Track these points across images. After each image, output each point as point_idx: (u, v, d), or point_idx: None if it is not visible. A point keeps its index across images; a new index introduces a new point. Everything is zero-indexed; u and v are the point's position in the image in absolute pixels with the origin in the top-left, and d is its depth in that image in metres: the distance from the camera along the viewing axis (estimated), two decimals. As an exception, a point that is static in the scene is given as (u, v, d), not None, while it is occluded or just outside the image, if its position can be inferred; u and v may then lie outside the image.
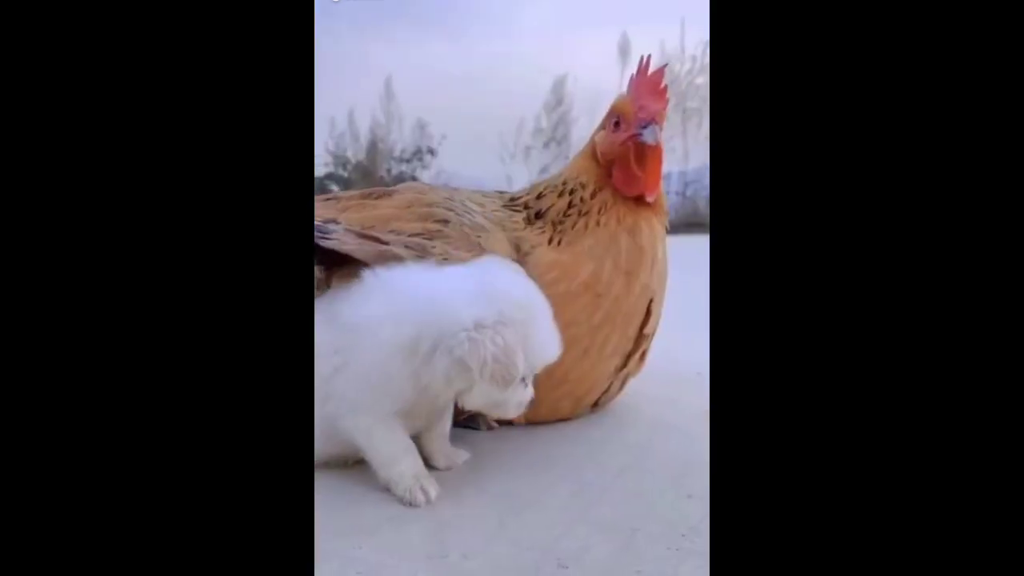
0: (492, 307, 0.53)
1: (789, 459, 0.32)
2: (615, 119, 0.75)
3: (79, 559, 0.32)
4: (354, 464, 0.63)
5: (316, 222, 0.67)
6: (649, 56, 0.74)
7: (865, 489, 0.31)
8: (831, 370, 0.32)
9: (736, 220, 0.35)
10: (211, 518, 0.33)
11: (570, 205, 0.75)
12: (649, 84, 0.73)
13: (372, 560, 0.48)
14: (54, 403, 0.32)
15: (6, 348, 0.32)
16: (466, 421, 0.75)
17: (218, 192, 0.35)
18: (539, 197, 0.77)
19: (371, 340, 0.56)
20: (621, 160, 0.74)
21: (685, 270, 0.96)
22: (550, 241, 0.73)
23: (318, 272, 0.64)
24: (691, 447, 0.69)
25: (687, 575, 0.45)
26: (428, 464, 0.63)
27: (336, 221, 0.71)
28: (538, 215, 0.75)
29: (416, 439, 0.63)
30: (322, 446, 0.63)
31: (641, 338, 0.76)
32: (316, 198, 0.78)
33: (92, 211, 0.33)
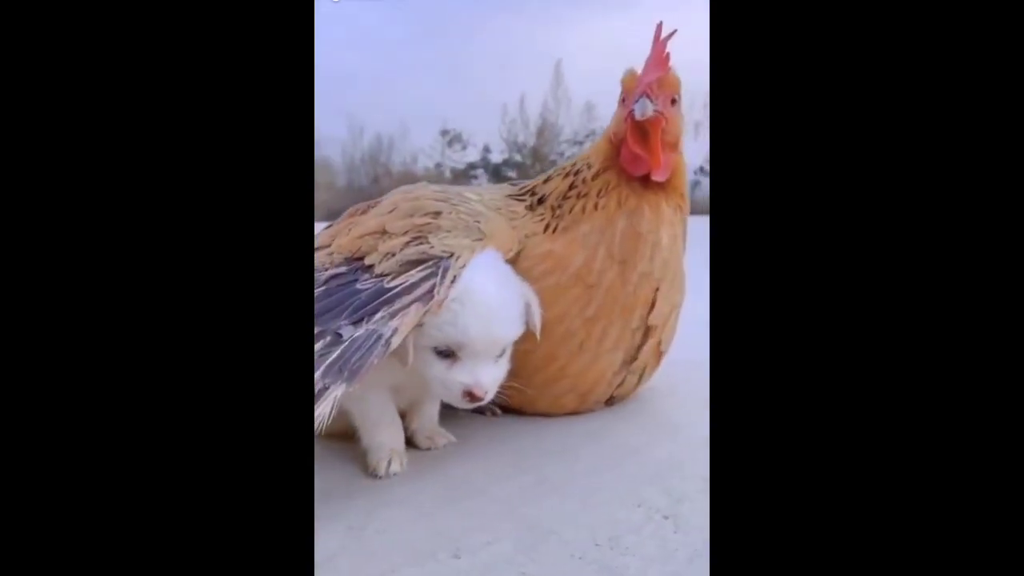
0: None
1: (788, 455, 0.31)
2: (624, 95, 0.70)
3: (85, 540, 0.31)
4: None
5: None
6: (661, 23, 0.68)
7: (865, 485, 0.31)
8: (830, 366, 0.31)
9: (736, 210, 0.34)
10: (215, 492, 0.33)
11: (571, 187, 0.71)
12: (656, 53, 0.67)
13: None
14: (68, 378, 0.32)
15: (4, 347, 0.32)
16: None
17: (219, 195, 0.34)
18: (546, 181, 0.75)
19: None
20: (625, 138, 0.69)
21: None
22: (547, 228, 0.70)
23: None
24: (675, 451, 0.64)
25: (568, 585, 0.43)
26: (410, 442, 0.66)
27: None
28: (540, 201, 0.73)
29: (404, 417, 0.67)
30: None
31: (649, 329, 0.70)
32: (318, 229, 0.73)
33: (99, 207, 0.33)
